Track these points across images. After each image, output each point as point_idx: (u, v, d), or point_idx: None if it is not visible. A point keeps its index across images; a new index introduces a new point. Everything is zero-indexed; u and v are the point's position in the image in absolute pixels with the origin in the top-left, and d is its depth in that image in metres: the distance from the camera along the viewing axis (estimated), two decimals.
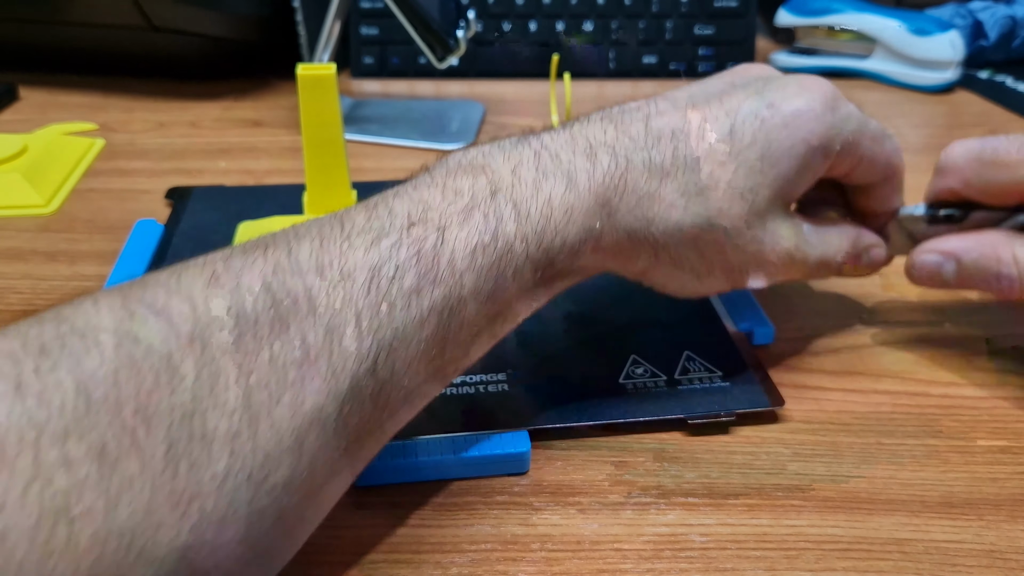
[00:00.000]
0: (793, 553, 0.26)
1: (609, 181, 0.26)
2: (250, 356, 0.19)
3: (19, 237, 0.43)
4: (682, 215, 0.27)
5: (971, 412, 0.31)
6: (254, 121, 0.57)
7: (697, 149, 0.27)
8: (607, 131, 0.27)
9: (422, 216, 0.23)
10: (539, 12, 0.65)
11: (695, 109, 0.28)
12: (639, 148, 0.27)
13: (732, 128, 0.27)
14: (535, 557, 0.25)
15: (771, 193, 0.27)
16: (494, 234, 0.24)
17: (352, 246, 0.22)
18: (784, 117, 0.27)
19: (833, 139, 0.28)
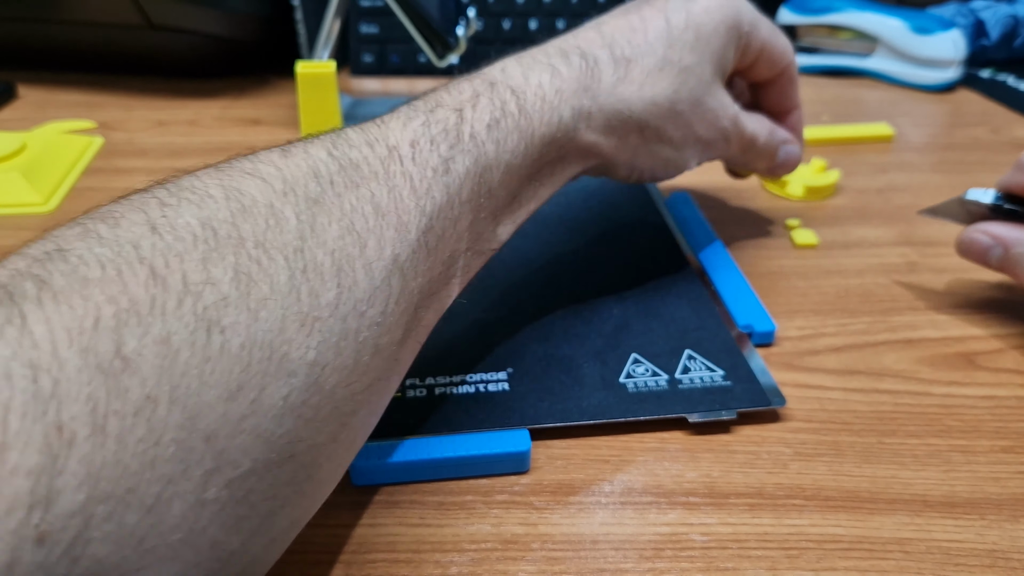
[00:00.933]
0: (795, 553, 0.25)
1: (585, 71, 0.30)
2: (335, 206, 0.22)
3: (17, 235, 0.43)
4: (652, 91, 0.31)
5: (973, 412, 0.31)
6: (253, 119, 0.57)
7: (646, 38, 0.32)
8: (568, 39, 0.31)
9: (438, 104, 0.27)
10: (539, 11, 0.65)
11: (632, 13, 0.33)
12: (601, 47, 0.31)
13: (667, 19, 0.32)
14: (535, 556, 0.25)
15: (711, 67, 0.33)
16: (502, 111, 0.27)
17: (390, 127, 0.25)
18: (702, 6, 0.33)
19: (741, 20, 0.34)
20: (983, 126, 0.58)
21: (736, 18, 0.34)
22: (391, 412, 0.29)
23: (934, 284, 0.39)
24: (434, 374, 0.32)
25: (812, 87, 0.65)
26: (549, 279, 0.37)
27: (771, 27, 0.36)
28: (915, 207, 0.47)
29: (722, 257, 0.39)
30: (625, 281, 0.37)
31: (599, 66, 0.30)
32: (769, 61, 0.36)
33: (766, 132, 0.37)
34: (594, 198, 0.45)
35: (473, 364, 0.32)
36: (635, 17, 0.33)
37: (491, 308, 0.35)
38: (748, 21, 0.34)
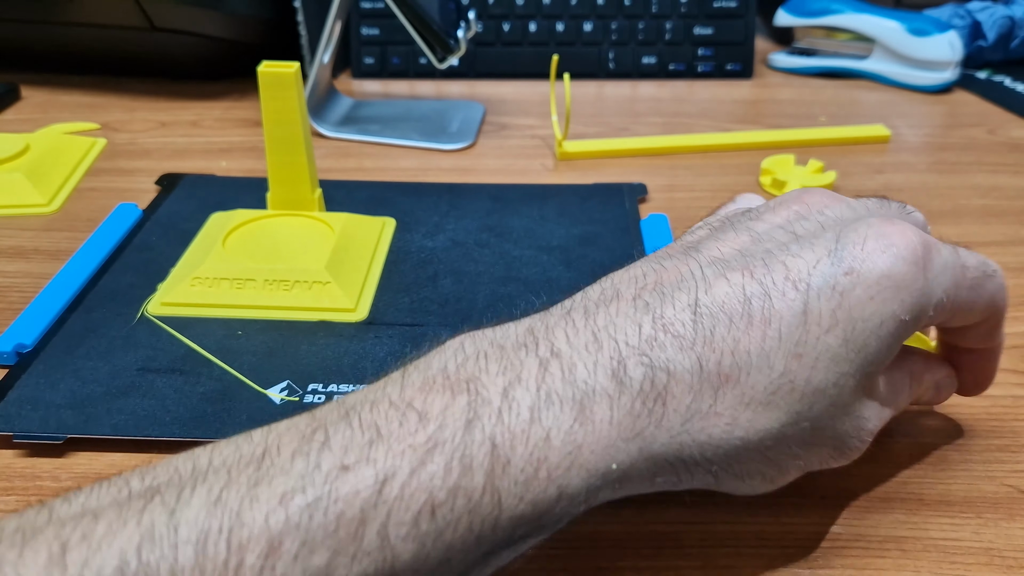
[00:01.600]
0: (791, 551, 0.26)
1: (641, 407, 0.20)
2: None
3: (21, 236, 0.43)
4: (748, 429, 0.21)
5: (969, 410, 0.32)
6: (255, 121, 0.57)
7: (763, 341, 0.21)
8: (642, 325, 0.21)
9: (363, 454, 0.18)
10: (539, 13, 0.65)
11: (751, 276, 0.22)
12: (685, 348, 0.21)
13: (806, 307, 0.21)
14: (533, 554, 0.25)
15: (856, 382, 0.22)
16: (453, 489, 0.18)
17: (257, 500, 0.18)
18: (868, 287, 0.22)
19: (926, 306, 0.23)
20: (980, 127, 0.58)
21: (918, 306, 0.22)
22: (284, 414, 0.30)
23: None
24: (339, 381, 0.32)
25: (809, 89, 0.65)
26: (496, 297, 0.37)
27: (973, 285, 0.24)
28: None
29: None
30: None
31: (671, 389, 0.20)
32: (963, 319, 0.25)
33: (914, 390, 0.26)
34: (568, 218, 0.44)
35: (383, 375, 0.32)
36: (751, 290, 0.21)
37: (445, 325, 0.36)
38: (939, 301, 0.23)
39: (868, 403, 0.23)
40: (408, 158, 0.52)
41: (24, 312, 0.35)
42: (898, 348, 0.23)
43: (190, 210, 0.44)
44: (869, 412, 0.23)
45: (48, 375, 0.32)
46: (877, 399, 0.24)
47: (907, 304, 0.22)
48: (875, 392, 0.23)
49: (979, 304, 0.25)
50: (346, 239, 0.39)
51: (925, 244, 0.23)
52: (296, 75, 0.36)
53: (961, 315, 0.25)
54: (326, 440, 0.19)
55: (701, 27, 0.66)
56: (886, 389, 0.24)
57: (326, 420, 0.20)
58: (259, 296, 0.36)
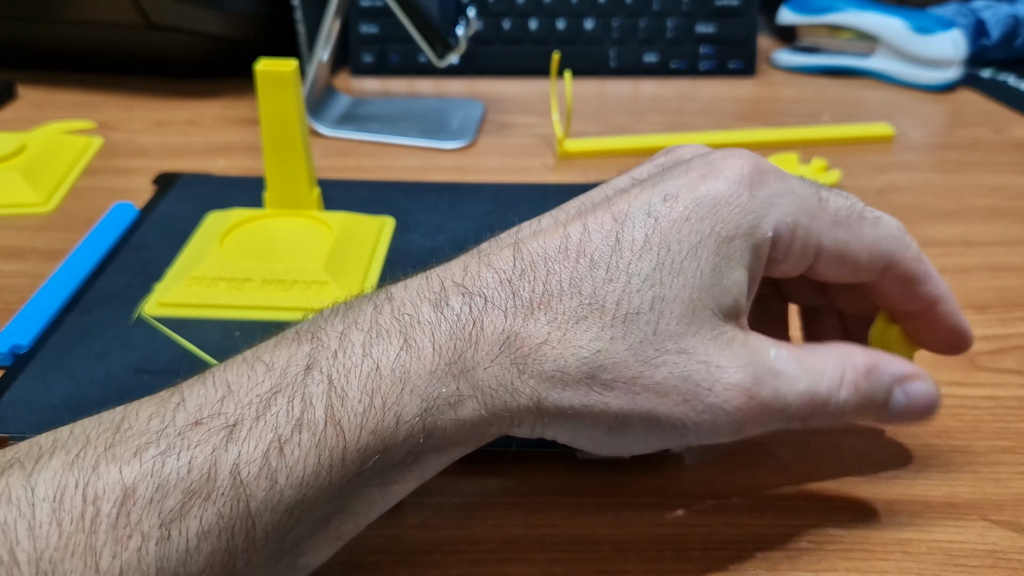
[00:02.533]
0: (795, 553, 0.25)
1: (459, 331, 0.21)
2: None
3: (17, 236, 0.43)
4: (561, 350, 0.21)
5: (974, 412, 0.31)
6: (253, 120, 0.57)
7: (575, 269, 0.21)
8: (468, 266, 0.22)
9: (215, 409, 0.19)
10: (539, 10, 0.65)
11: (578, 218, 0.23)
12: (502, 282, 0.22)
13: (619, 235, 0.22)
14: (536, 558, 0.25)
15: (681, 308, 0.21)
16: (296, 424, 0.19)
17: (113, 458, 0.18)
18: (684, 209, 0.22)
19: (756, 225, 0.22)
20: (984, 126, 0.58)
21: (743, 224, 0.22)
22: None
23: None
24: None
25: (812, 87, 0.65)
26: None
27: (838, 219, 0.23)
28: (916, 207, 0.46)
29: None
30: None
31: (486, 315, 0.21)
32: (842, 267, 0.24)
33: (848, 375, 0.23)
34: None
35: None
36: (576, 228, 0.22)
37: None
38: (776, 224, 0.22)
39: (725, 344, 0.22)
40: (407, 157, 0.52)
41: (20, 312, 0.35)
42: (740, 277, 0.22)
43: (187, 210, 0.43)
44: (727, 357, 0.21)
45: (44, 376, 0.32)
46: (750, 353, 0.22)
47: (727, 221, 0.22)
48: (736, 338, 0.22)
49: (858, 248, 0.23)
50: (345, 239, 0.39)
51: (758, 167, 0.22)
52: (294, 73, 0.36)
53: (832, 256, 0.23)
54: (182, 402, 0.20)
55: (703, 25, 0.65)
56: (783, 359, 0.22)
57: (184, 385, 0.21)
58: (257, 296, 0.36)
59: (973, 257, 0.42)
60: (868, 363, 0.23)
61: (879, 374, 0.23)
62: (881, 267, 0.24)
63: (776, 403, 0.22)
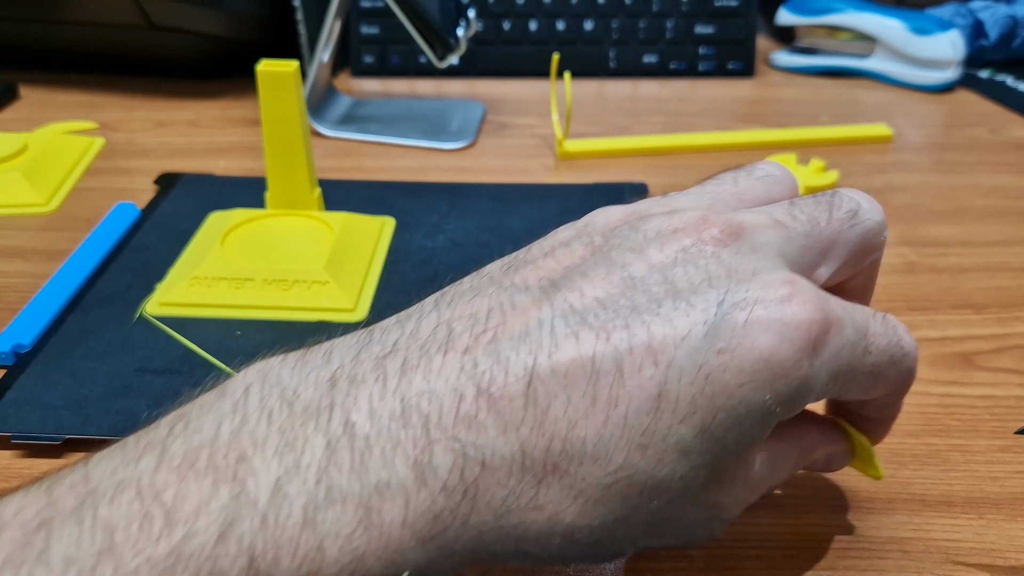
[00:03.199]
0: (793, 552, 0.26)
1: (445, 504, 0.17)
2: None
3: (19, 236, 0.43)
4: (572, 526, 0.18)
5: (971, 411, 0.31)
6: (254, 120, 0.57)
7: (603, 428, 0.18)
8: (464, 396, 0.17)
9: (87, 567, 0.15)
10: (539, 11, 0.65)
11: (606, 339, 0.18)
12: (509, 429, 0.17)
13: (662, 389, 0.18)
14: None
15: (708, 473, 0.19)
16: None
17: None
18: (739, 372, 0.18)
19: (805, 394, 0.19)
20: (982, 126, 0.58)
21: (800, 395, 0.19)
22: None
23: (932, 284, 0.39)
24: None
25: (811, 88, 0.65)
26: None
27: (876, 370, 0.21)
28: (914, 207, 0.47)
29: None
30: None
31: (481, 485, 0.17)
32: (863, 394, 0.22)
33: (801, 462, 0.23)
34: (569, 218, 0.44)
35: None
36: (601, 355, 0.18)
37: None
38: (827, 381, 0.19)
39: (727, 490, 0.20)
40: (408, 157, 0.52)
41: (22, 312, 0.35)
42: (763, 436, 0.19)
43: (188, 210, 0.44)
44: (728, 499, 0.20)
45: (46, 376, 0.32)
46: (741, 482, 0.20)
47: (782, 394, 0.18)
48: (739, 475, 0.20)
49: (875, 389, 0.22)
50: (345, 239, 0.39)
51: (823, 323, 0.19)
52: (295, 74, 0.36)
53: (849, 395, 0.21)
54: (46, 548, 0.15)
55: (702, 26, 0.65)
56: (761, 468, 0.21)
57: (56, 511, 0.16)
58: (258, 296, 0.36)
59: (971, 257, 0.42)
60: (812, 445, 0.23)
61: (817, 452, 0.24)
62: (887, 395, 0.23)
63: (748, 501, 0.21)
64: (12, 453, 0.29)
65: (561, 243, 0.22)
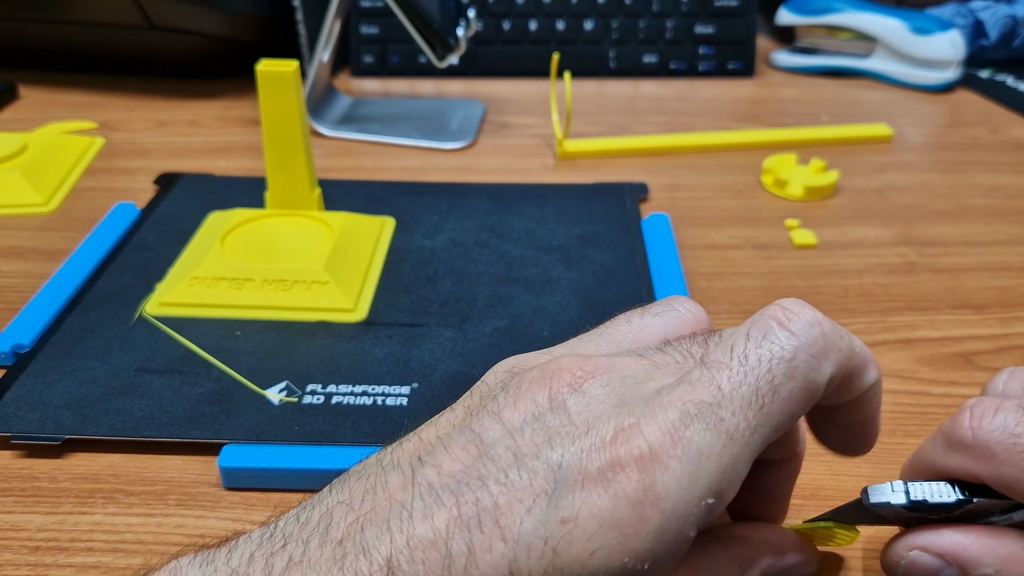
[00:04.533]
0: None
1: None
2: None
3: (19, 236, 0.43)
4: None
5: None
6: (254, 120, 0.57)
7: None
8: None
9: None
10: (539, 11, 0.65)
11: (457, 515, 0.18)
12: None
13: (512, 570, 0.17)
14: None
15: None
16: None
17: None
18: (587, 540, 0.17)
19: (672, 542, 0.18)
20: (982, 126, 0.58)
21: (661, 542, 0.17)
22: (282, 415, 0.30)
23: (933, 284, 0.39)
24: (338, 382, 0.32)
25: (811, 88, 0.65)
26: (496, 297, 0.37)
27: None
28: (914, 207, 0.47)
29: (677, 284, 0.38)
30: (571, 305, 0.37)
31: None
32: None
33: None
34: (569, 218, 0.44)
35: (382, 376, 0.32)
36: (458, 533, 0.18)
37: (444, 325, 0.35)
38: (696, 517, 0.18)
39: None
40: (407, 157, 0.52)
41: (22, 312, 0.35)
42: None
43: (188, 210, 0.44)
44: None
45: (46, 375, 0.32)
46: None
47: (640, 552, 0.17)
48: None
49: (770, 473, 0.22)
50: (345, 239, 0.39)
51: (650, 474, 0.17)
52: (295, 73, 0.36)
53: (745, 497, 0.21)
54: None
55: (702, 25, 0.65)
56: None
57: None
58: (258, 296, 0.36)
59: (971, 257, 0.42)
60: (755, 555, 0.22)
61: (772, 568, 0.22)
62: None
63: None
64: (11, 453, 0.29)
65: (451, 407, 0.22)
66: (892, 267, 0.41)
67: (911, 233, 0.44)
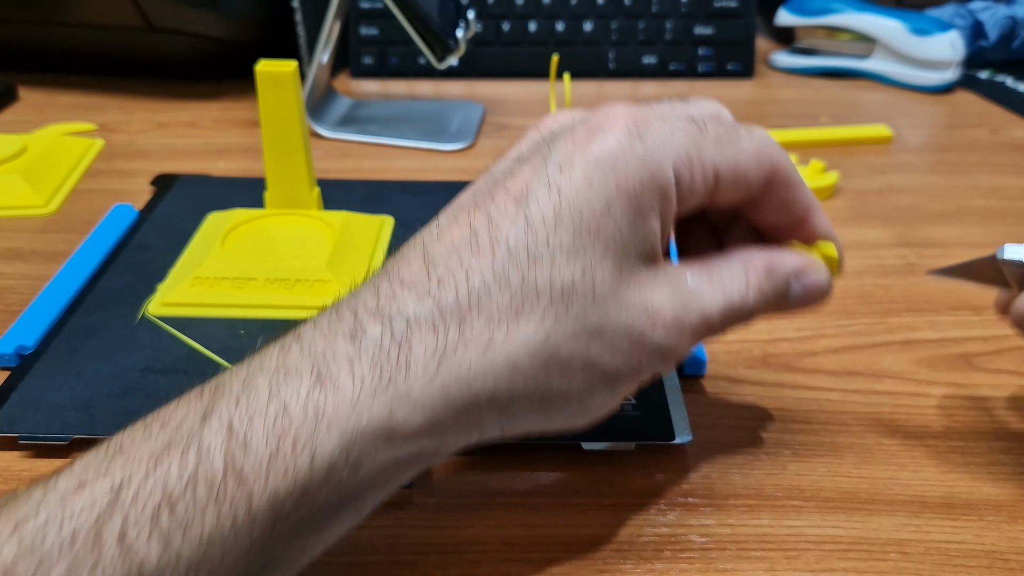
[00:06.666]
0: (793, 553, 0.26)
1: (383, 358, 0.20)
2: None
3: (18, 237, 0.43)
4: (509, 350, 0.20)
5: (971, 412, 0.31)
6: (253, 121, 0.57)
7: (492, 263, 0.21)
8: (380, 289, 0.21)
9: (101, 470, 0.18)
10: (539, 12, 0.65)
11: (477, 209, 0.22)
12: (420, 296, 0.21)
13: (526, 216, 0.21)
14: (535, 558, 0.25)
15: (611, 266, 0.21)
16: (190, 479, 0.18)
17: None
18: (583, 173, 0.21)
19: (656, 172, 0.22)
20: (982, 127, 0.58)
21: (645, 173, 0.21)
22: None
23: (932, 286, 0.39)
24: None
25: (811, 88, 0.65)
26: None
27: (721, 140, 0.23)
28: (913, 208, 0.47)
29: None
30: None
31: (411, 340, 0.20)
32: (737, 184, 0.23)
33: (755, 281, 0.24)
34: None
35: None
36: (477, 221, 0.21)
37: None
38: (676, 164, 0.22)
39: (654, 286, 0.22)
40: (407, 159, 0.52)
41: (24, 313, 0.35)
42: (654, 223, 0.22)
43: (186, 210, 0.44)
44: (658, 296, 0.22)
45: (51, 376, 0.32)
46: (670, 285, 0.22)
47: (629, 175, 0.21)
48: (661, 277, 0.22)
49: (746, 160, 0.23)
50: (345, 237, 0.39)
51: (635, 116, 0.22)
52: (294, 73, 0.36)
53: (732, 178, 0.23)
54: (70, 466, 0.19)
55: (702, 27, 0.65)
56: (696, 281, 0.23)
57: (83, 454, 0.20)
58: (260, 295, 0.36)
59: (970, 258, 0.42)
60: (766, 263, 0.24)
61: (777, 271, 0.24)
62: (766, 174, 0.24)
63: (703, 323, 0.23)
64: (19, 454, 0.29)
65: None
66: (891, 268, 0.41)
67: (910, 234, 0.44)
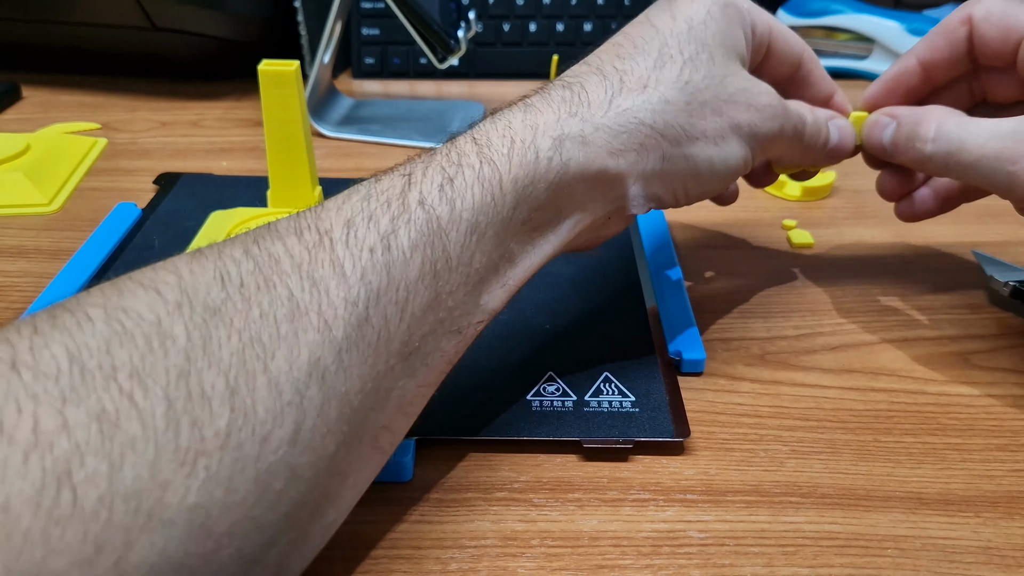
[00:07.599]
0: (791, 549, 0.26)
1: (568, 98, 0.27)
2: (239, 315, 0.19)
3: (22, 236, 0.43)
4: (659, 90, 0.27)
5: (968, 410, 0.32)
6: (256, 121, 0.57)
7: (635, 46, 0.28)
8: (576, 67, 0.29)
9: (389, 172, 0.25)
10: (539, 13, 0.65)
11: (619, 35, 0.30)
12: (588, 73, 0.28)
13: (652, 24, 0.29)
14: (535, 553, 0.25)
15: (721, 50, 0.29)
16: (459, 164, 0.24)
17: (326, 208, 0.23)
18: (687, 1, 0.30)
19: (736, 1, 0.30)
20: None
21: (729, 1, 0.30)
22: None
23: (929, 284, 0.40)
24: None
25: None
26: None
27: (771, 16, 0.32)
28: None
29: (674, 282, 0.38)
30: (568, 295, 0.37)
31: (587, 88, 0.27)
32: (783, 52, 0.32)
33: (808, 110, 0.32)
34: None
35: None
36: (620, 36, 0.29)
37: None
38: (744, 3, 0.30)
39: (752, 77, 0.30)
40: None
41: (28, 311, 0.35)
42: (744, 35, 0.30)
43: (189, 209, 0.44)
44: (754, 80, 0.30)
45: None
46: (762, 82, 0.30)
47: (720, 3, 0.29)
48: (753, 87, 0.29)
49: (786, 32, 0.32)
50: None
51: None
52: (296, 73, 0.36)
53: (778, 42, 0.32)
54: (358, 183, 0.25)
55: None
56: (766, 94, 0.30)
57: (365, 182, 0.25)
58: None
59: (968, 257, 0.42)
60: (808, 106, 0.33)
61: (817, 112, 0.33)
62: (802, 48, 0.33)
63: (783, 108, 0.30)
64: None
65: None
66: (889, 267, 0.41)
67: (908, 234, 0.44)
